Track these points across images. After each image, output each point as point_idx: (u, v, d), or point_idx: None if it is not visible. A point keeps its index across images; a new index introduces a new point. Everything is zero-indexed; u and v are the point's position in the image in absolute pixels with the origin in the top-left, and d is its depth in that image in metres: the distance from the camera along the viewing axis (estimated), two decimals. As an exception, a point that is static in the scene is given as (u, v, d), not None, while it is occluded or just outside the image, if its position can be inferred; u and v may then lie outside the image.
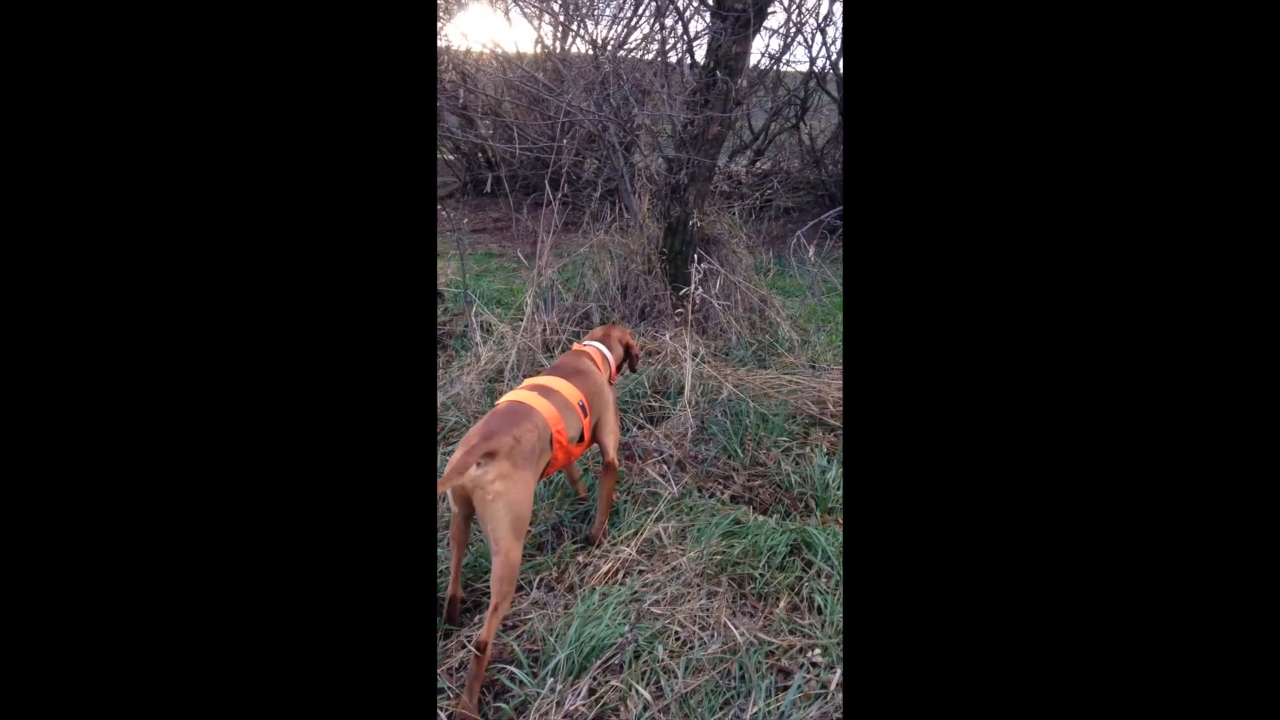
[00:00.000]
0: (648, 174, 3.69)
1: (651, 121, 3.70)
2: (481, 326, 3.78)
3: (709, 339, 3.74)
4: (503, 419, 1.67)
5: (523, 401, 1.76)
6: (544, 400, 1.79)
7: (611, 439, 2.05)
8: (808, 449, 2.58)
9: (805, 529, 2.08)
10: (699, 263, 3.94)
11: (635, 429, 2.80)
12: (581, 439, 1.92)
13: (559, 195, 3.39)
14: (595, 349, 2.19)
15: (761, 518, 2.18)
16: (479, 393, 3.01)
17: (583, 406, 1.91)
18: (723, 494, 2.38)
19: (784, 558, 2.01)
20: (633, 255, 3.98)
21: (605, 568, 1.89)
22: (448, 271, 5.40)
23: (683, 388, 2.96)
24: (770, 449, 2.60)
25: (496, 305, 4.44)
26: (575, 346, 2.21)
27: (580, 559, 1.97)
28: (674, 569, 1.90)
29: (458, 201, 10.14)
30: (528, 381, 1.93)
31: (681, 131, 3.68)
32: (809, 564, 2.00)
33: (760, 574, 1.93)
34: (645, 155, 3.71)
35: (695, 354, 3.04)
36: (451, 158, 8.96)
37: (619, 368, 2.30)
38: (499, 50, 5.63)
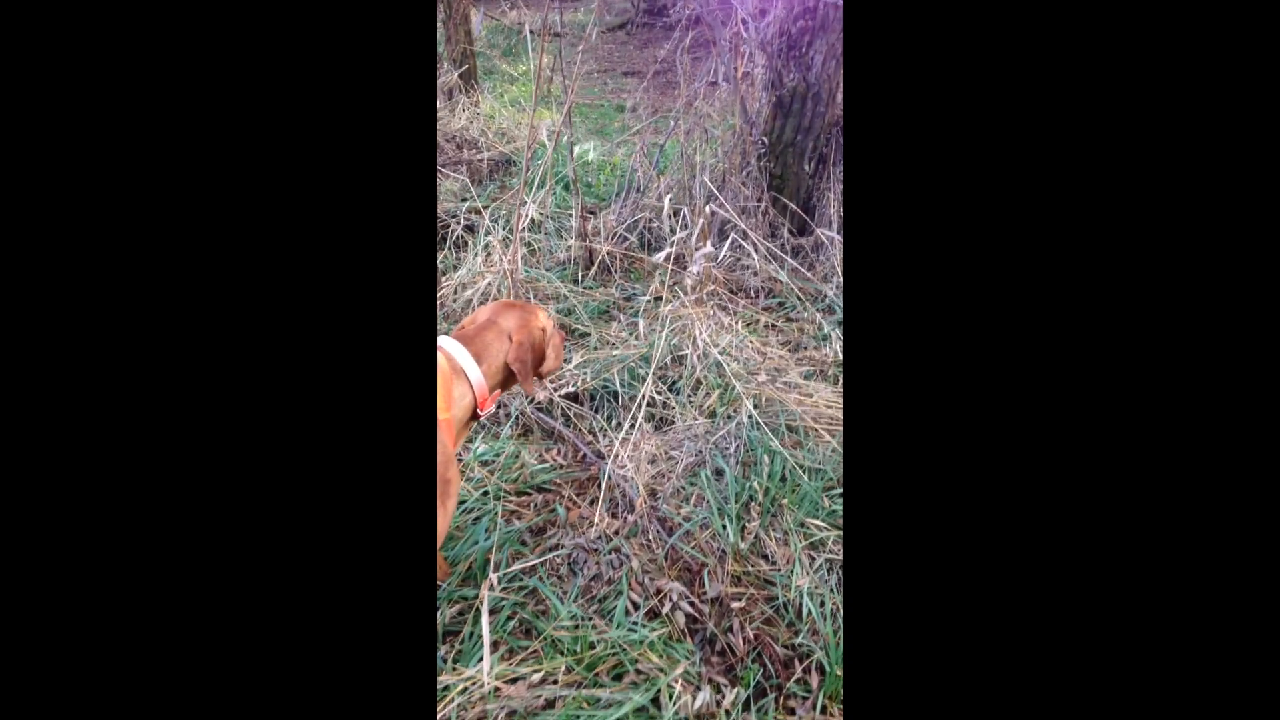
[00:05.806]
0: (742, 17, 2.37)
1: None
2: (504, 224, 2.88)
3: (816, 278, 2.54)
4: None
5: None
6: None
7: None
8: (849, 557, 1.48)
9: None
10: (813, 169, 2.63)
11: (622, 430, 1.83)
12: None
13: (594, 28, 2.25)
14: (441, 360, 1.21)
15: (692, 705, 1.20)
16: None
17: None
18: (672, 611, 1.40)
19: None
20: (725, 140, 2.76)
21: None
22: (539, 130, 4.39)
23: (699, 384, 1.90)
24: (786, 535, 1.53)
25: (582, 185, 3.42)
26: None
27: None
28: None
29: (627, 34, 8.76)
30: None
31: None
32: None
33: None
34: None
35: (720, 326, 1.93)
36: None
37: (505, 384, 1.32)
38: None
